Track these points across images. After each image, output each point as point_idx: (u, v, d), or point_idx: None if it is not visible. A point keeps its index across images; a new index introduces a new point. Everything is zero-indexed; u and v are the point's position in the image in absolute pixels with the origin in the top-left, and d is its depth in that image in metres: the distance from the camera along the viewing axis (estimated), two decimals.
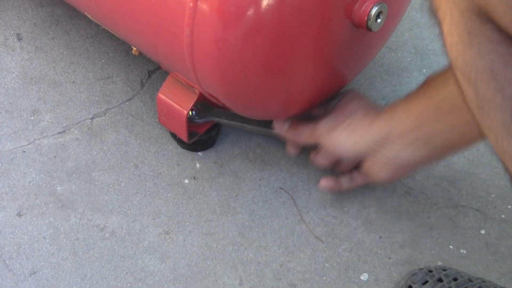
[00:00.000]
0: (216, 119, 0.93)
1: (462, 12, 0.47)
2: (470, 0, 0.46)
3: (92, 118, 1.02)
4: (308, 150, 0.94)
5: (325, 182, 0.92)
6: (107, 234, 0.91)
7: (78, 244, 0.90)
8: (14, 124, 1.01)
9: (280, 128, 0.92)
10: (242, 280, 0.87)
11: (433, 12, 0.50)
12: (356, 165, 0.91)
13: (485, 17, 0.46)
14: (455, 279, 0.80)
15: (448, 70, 0.77)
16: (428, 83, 0.80)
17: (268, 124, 0.93)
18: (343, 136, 0.86)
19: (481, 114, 0.51)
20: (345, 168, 0.93)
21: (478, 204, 0.94)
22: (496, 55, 0.47)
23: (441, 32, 0.50)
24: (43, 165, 0.97)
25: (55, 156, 0.98)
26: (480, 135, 0.77)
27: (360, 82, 1.06)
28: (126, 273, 0.88)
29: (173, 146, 0.99)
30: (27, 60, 1.09)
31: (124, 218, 0.92)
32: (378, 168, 0.86)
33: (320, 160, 0.92)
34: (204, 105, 0.91)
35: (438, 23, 0.50)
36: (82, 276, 0.87)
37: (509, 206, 0.94)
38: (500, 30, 0.46)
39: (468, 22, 0.47)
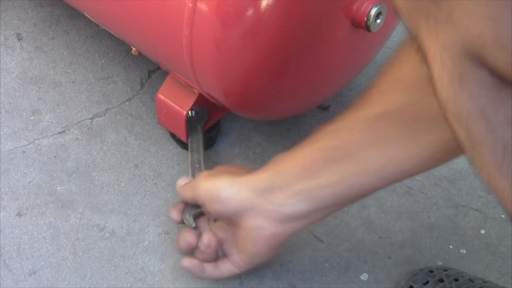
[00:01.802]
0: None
1: (452, 57, 0.47)
2: (461, 45, 0.46)
3: (92, 118, 1.02)
4: None
5: (188, 263, 0.83)
6: (107, 234, 0.91)
7: (78, 244, 0.90)
8: (14, 124, 1.01)
9: (179, 183, 0.86)
10: (242, 280, 0.87)
11: (422, 57, 0.50)
12: (222, 253, 0.83)
13: (477, 62, 0.46)
14: (456, 280, 0.80)
15: (337, 120, 0.75)
16: (316, 134, 0.76)
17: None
18: (222, 184, 0.78)
19: (473, 154, 0.51)
20: (209, 254, 0.82)
21: (478, 204, 0.94)
22: (487, 99, 0.48)
23: (430, 76, 0.49)
24: (43, 165, 0.97)
25: (55, 156, 0.98)
26: (370, 189, 0.77)
27: (360, 82, 1.06)
28: (126, 273, 0.88)
29: (173, 146, 0.99)
30: (27, 60, 1.09)
31: (124, 218, 0.92)
32: (256, 226, 0.77)
33: (185, 237, 0.82)
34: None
35: (427, 67, 0.49)
36: (82, 276, 0.87)
37: None
38: (491, 74, 0.46)
39: (458, 67, 0.47)
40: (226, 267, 0.83)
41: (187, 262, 0.83)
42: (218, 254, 0.83)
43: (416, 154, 0.73)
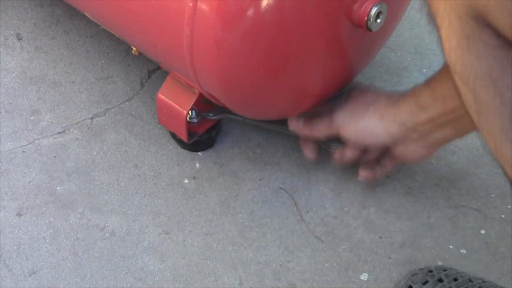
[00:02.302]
0: (231, 116, 0.93)
1: (460, 18, 0.47)
2: (468, 5, 0.46)
3: (92, 118, 1.02)
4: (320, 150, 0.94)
5: (365, 173, 0.92)
6: (107, 234, 0.91)
7: (78, 244, 0.90)
8: (14, 124, 1.01)
9: (295, 125, 0.91)
10: (242, 280, 0.87)
11: (432, 18, 0.50)
12: (382, 153, 0.91)
13: (483, 22, 0.46)
14: (455, 279, 0.80)
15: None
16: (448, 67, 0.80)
17: (283, 122, 0.93)
18: (371, 123, 0.85)
19: (480, 119, 0.51)
20: (372, 157, 0.92)
21: (478, 204, 0.94)
22: (494, 60, 0.48)
23: (439, 38, 0.50)
24: (43, 165, 0.97)
25: (55, 156, 0.98)
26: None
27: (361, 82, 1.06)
28: (126, 273, 0.88)
29: (173, 146, 0.99)
30: (27, 60, 1.09)
31: (124, 218, 0.92)
32: (410, 151, 0.86)
33: (348, 153, 0.91)
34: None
35: (437, 29, 0.50)
36: (82, 276, 0.87)
37: (509, 206, 0.94)
38: (498, 35, 0.47)
39: (466, 27, 0.47)
40: (389, 163, 0.93)
41: (364, 173, 0.93)
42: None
43: None
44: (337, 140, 0.91)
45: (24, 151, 0.98)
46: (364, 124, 0.86)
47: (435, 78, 0.81)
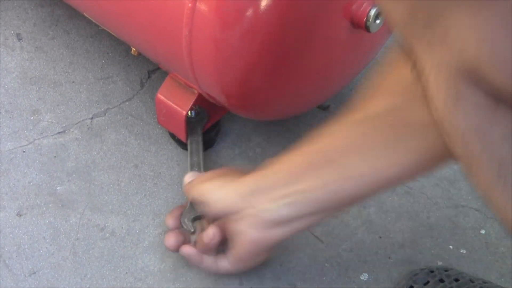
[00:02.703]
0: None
1: (447, 78, 0.47)
2: (455, 66, 0.46)
3: (92, 118, 1.02)
4: None
5: (189, 250, 0.83)
6: (107, 234, 0.91)
7: (78, 244, 0.90)
8: (14, 124, 1.01)
9: (185, 180, 0.86)
10: (242, 280, 0.87)
11: (417, 75, 0.50)
12: (220, 248, 0.82)
13: (472, 83, 0.46)
14: (456, 280, 0.80)
15: (325, 125, 0.74)
16: (306, 138, 0.76)
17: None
18: (213, 187, 0.80)
19: (469, 171, 0.51)
20: (210, 248, 0.82)
21: (478, 204, 0.94)
22: (482, 119, 0.48)
23: (425, 95, 0.50)
24: (43, 165, 0.97)
25: (55, 156, 0.98)
26: (354, 197, 0.75)
27: (360, 82, 1.06)
28: (126, 273, 0.88)
29: (173, 146, 0.99)
30: (27, 60, 1.09)
31: (124, 218, 0.92)
32: (239, 231, 0.77)
33: (170, 220, 0.84)
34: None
35: (422, 86, 0.50)
36: (82, 276, 0.87)
37: None
38: (486, 95, 0.47)
39: (453, 88, 0.47)
40: (223, 264, 0.82)
41: (188, 249, 0.83)
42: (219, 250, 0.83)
43: (400, 161, 0.71)
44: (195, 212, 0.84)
45: (24, 151, 0.98)
46: (205, 187, 0.81)
47: (287, 152, 0.76)
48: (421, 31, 0.47)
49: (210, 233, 0.80)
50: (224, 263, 0.82)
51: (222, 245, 0.82)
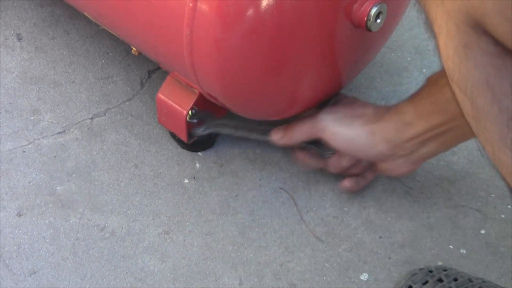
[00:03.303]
0: (221, 131, 0.93)
1: (457, 26, 0.47)
2: (465, 13, 0.46)
3: (92, 118, 1.02)
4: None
5: (348, 183, 0.92)
6: (107, 234, 0.91)
7: (78, 244, 0.90)
8: (14, 124, 1.01)
9: (277, 134, 0.90)
10: (242, 280, 0.87)
11: (429, 26, 0.50)
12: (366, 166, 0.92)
13: (481, 30, 0.46)
14: (455, 279, 0.80)
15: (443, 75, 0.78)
16: (431, 83, 0.80)
17: (268, 132, 0.92)
18: (359, 137, 0.86)
19: (478, 126, 0.51)
20: (359, 169, 0.92)
21: (478, 204, 0.94)
22: (492, 68, 0.48)
23: (437, 46, 0.50)
24: (43, 165, 0.97)
25: (55, 156, 0.98)
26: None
27: (360, 82, 1.06)
28: (126, 273, 0.88)
29: (173, 146, 0.99)
30: (27, 60, 1.09)
31: (124, 218, 0.92)
32: (395, 166, 0.87)
33: (344, 162, 0.90)
34: (207, 115, 0.91)
35: (434, 37, 0.50)
36: (82, 276, 0.87)
37: (509, 206, 0.94)
38: (495, 42, 0.46)
39: (463, 35, 0.47)
40: (370, 175, 0.93)
41: (348, 182, 0.93)
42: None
43: None
44: (330, 148, 0.90)
45: (24, 151, 0.98)
46: (351, 136, 0.86)
47: (418, 95, 0.82)
48: None
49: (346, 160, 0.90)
50: (371, 175, 0.94)
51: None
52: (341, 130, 0.86)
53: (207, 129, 0.93)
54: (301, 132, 0.89)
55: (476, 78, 0.48)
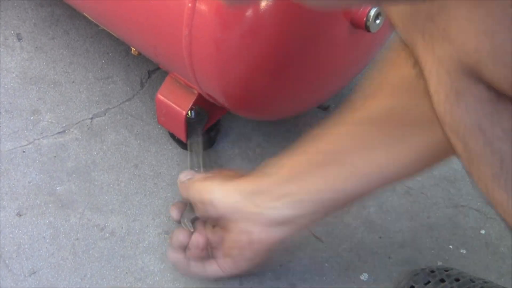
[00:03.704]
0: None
1: (449, 73, 0.47)
2: (458, 61, 0.46)
3: (92, 118, 1.02)
4: None
5: (174, 256, 0.83)
6: (107, 234, 0.91)
7: (78, 244, 0.90)
8: (14, 124, 1.01)
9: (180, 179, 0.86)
10: (242, 280, 0.87)
11: (418, 68, 0.50)
12: (211, 255, 0.82)
13: (473, 77, 0.46)
14: (457, 280, 0.79)
15: (327, 125, 0.75)
16: (307, 138, 0.76)
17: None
18: (214, 186, 0.79)
19: (471, 168, 0.51)
20: (197, 254, 0.82)
21: (478, 204, 0.94)
22: (484, 114, 0.48)
23: (427, 88, 0.49)
24: (43, 165, 0.97)
25: (55, 156, 0.98)
26: (357, 194, 0.76)
27: (360, 82, 1.06)
28: (126, 273, 0.88)
29: (173, 146, 0.99)
30: (27, 60, 1.09)
31: (124, 218, 0.92)
32: (242, 230, 0.77)
33: (180, 236, 0.82)
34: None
35: (424, 79, 0.49)
36: (82, 276, 0.87)
37: None
38: (488, 88, 0.47)
39: (455, 82, 0.47)
40: (211, 268, 0.82)
41: (173, 255, 0.83)
42: (209, 255, 0.83)
43: (402, 158, 0.72)
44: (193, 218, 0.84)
45: (24, 151, 0.98)
46: (205, 186, 0.80)
47: (288, 151, 0.77)
48: (422, 25, 0.47)
49: (194, 241, 0.81)
50: (214, 267, 0.82)
51: (211, 251, 0.82)
52: (199, 184, 0.81)
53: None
54: (182, 189, 0.84)
55: (468, 123, 0.48)
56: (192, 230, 0.83)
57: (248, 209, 0.76)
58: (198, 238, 0.81)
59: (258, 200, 0.76)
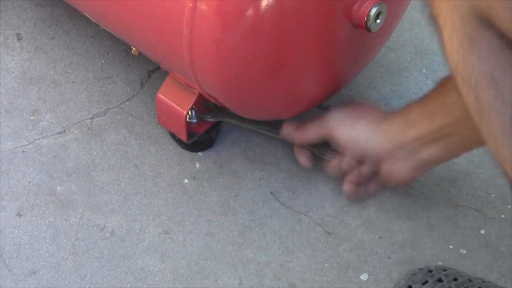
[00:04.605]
0: (228, 120, 0.93)
1: (463, 18, 0.47)
2: (471, 5, 0.46)
3: (92, 118, 1.02)
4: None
5: (347, 186, 0.91)
6: (107, 234, 0.91)
7: (78, 244, 0.90)
8: (14, 124, 1.01)
9: (288, 130, 0.91)
10: (242, 280, 0.87)
11: (433, 19, 0.50)
12: (370, 172, 0.91)
13: (486, 23, 0.46)
14: (455, 279, 0.80)
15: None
16: (441, 85, 0.80)
17: (278, 126, 0.92)
18: (364, 134, 0.86)
19: (481, 120, 0.51)
20: (361, 174, 0.91)
21: (478, 204, 0.94)
22: (497, 61, 0.48)
23: (441, 39, 0.50)
24: (43, 165, 0.97)
25: (55, 156, 0.98)
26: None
27: (360, 82, 1.06)
28: (126, 273, 0.88)
29: (173, 146, 0.99)
30: (27, 60, 1.09)
31: (124, 218, 0.92)
32: (396, 170, 0.86)
33: (345, 164, 0.90)
34: (216, 105, 0.91)
35: (438, 30, 0.50)
36: (82, 276, 0.87)
37: (509, 206, 0.94)
38: (500, 35, 0.46)
39: (468, 28, 0.47)
40: (373, 187, 0.93)
41: (347, 186, 0.92)
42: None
43: None
44: (332, 149, 0.90)
45: (24, 151, 0.98)
46: (357, 133, 0.86)
47: (426, 96, 0.82)
48: None
49: (346, 162, 0.90)
50: (373, 186, 0.93)
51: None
52: (345, 128, 0.87)
53: (214, 117, 0.93)
54: (311, 131, 0.89)
55: (480, 71, 0.48)
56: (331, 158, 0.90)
57: (401, 154, 0.84)
58: (363, 169, 0.90)
59: (409, 146, 0.83)
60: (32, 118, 1.02)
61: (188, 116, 0.91)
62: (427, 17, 0.51)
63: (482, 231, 0.92)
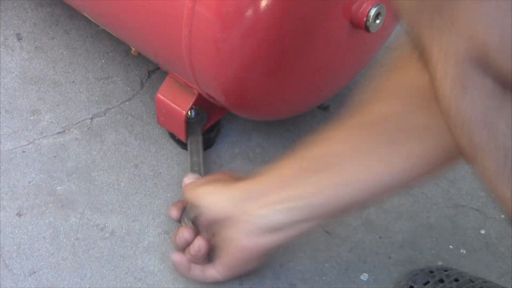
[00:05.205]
0: None
1: (455, 65, 0.47)
2: (464, 52, 0.46)
3: (92, 118, 1.02)
4: None
5: (178, 258, 0.83)
6: (107, 234, 0.91)
7: (78, 244, 0.90)
8: (14, 124, 1.01)
9: (184, 182, 0.87)
10: (242, 280, 0.87)
11: (424, 63, 0.50)
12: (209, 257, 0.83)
13: (480, 70, 0.46)
14: (456, 280, 0.79)
15: (321, 131, 0.74)
16: (301, 145, 0.76)
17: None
18: (206, 192, 0.80)
19: (474, 162, 0.51)
20: (198, 258, 0.82)
21: (478, 204, 0.94)
22: (489, 108, 0.48)
23: (432, 81, 0.49)
24: (43, 165, 0.97)
25: (55, 156, 0.98)
26: (349, 203, 0.74)
27: (360, 82, 1.06)
28: (126, 273, 0.88)
29: (173, 146, 0.99)
30: (27, 60, 1.09)
31: (124, 218, 0.92)
32: (232, 237, 0.77)
33: (185, 233, 0.82)
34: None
35: (429, 74, 0.49)
36: (82, 276, 0.87)
37: None
38: (493, 83, 0.46)
39: (461, 74, 0.47)
40: (210, 273, 0.82)
41: (177, 256, 0.83)
42: (210, 258, 0.83)
43: (396, 165, 0.70)
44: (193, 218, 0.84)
45: (24, 151, 0.98)
46: (198, 193, 0.81)
47: (283, 157, 0.76)
48: (429, 17, 0.47)
49: (196, 246, 0.81)
50: (212, 272, 0.82)
51: (210, 255, 0.83)
52: (193, 190, 0.82)
53: None
54: (184, 192, 0.85)
55: (473, 116, 0.48)
56: (192, 228, 0.83)
57: (239, 216, 0.75)
58: (200, 243, 0.81)
59: (248, 207, 0.75)
60: (32, 118, 1.02)
61: (187, 116, 0.91)
62: (417, 59, 0.51)
63: (482, 231, 0.92)
